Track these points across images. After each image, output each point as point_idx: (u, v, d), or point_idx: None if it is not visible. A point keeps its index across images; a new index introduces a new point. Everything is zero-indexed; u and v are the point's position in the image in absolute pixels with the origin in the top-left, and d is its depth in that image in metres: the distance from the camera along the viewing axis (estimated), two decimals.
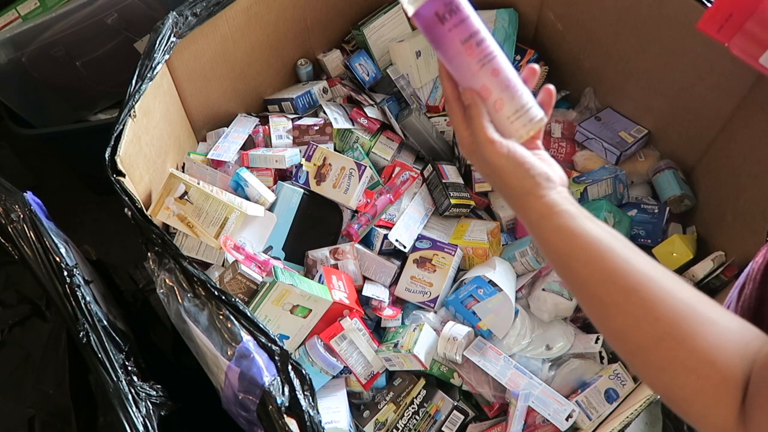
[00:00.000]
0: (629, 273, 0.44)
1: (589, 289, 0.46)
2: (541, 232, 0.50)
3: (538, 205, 0.50)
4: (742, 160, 1.00)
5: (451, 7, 0.53)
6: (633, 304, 0.44)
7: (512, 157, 0.52)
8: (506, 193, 0.53)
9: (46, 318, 0.80)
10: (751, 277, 0.58)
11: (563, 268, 0.49)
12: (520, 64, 1.24)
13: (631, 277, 0.44)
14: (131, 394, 0.69)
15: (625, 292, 0.44)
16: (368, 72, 1.21)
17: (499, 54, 0.54)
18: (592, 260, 0.46)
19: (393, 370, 0.97)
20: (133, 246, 0.85)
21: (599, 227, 0.48)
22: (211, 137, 1.16)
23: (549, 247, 0.49)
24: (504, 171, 0.52)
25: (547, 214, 0.49)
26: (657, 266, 0.45)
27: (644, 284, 0.44)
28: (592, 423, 0.90)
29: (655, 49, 1.07)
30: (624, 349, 0.45)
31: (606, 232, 0.47)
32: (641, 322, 0.43)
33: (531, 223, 0.51)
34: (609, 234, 0.47)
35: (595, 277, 0.46)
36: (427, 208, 1.13)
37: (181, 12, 0.94)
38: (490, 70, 0.54)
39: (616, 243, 0.47)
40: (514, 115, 0.54)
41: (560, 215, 0.49)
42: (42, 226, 0.74)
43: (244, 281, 0.87)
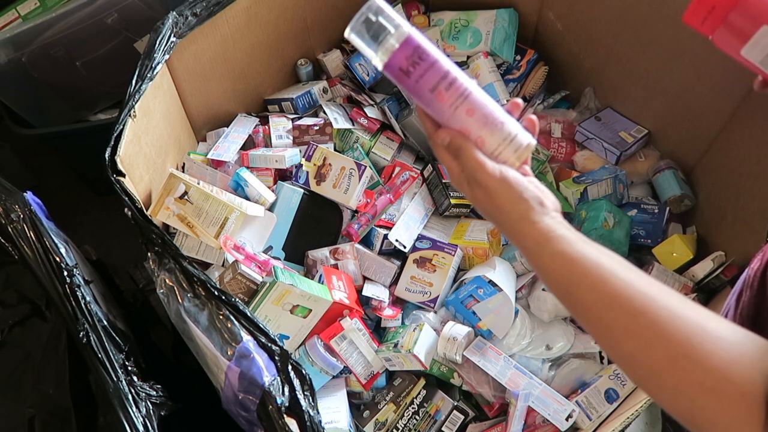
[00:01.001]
0: (634, 295, 0.44)
1: (594, 314, 0.46)
2: (539, 259, 0.49)
3: (533, 231, 0.49)
4: (742, 160, 1.00)
5: (414, 59, 0.53)
6: (641, 326, 0.43)
7: (505, 179, 0.51)
8: (500, 219, 0.52)
9: (46, 318, 0.80)
10: (747, 284, 0.58)
11: (565, 294, 0.48)
12: (520, 63, 1.24)
13: (636, 300, 0.43)
14: (131, 394, 0.69)
15: (632, 315, 0.43)
16: (368, 72, 1.21)
17: (474, 90, 0.54)
18: (594, 285, 0.45)
19: (393, 370, 0.97)
20: (133, 246, 0.84)
21: (598, 250, 0.47)
22: (211, 137, 1.16)
23: (548, 274, 0.49)
24: (497, 194, 0.51)
25: (543, 240, 0.49)
26: (661, 286, 0.45)
27: (650, 306, 0.43)
28: (592, 423, 0.90)
29: (655, 49, 1.07)
30: (636, 373, 0.44)
31: (605, 255, 0.47)
32: (652, 345, 0.42)
33: (528, 250, 0.50)
34: (608, 257, 0.47)
35: (599, 302, 0.45)
36: (427, 208, 1.13)
37: (181, 12, 0.94)
38: (464, 111, 0.54)
39: (617, 266, 0.46)
40: (499, 148, 0.54)
41: (557, 241, 0.48)
42: (42, 226, 0.74)
43: (244, 281, 0.87)
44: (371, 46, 0.53)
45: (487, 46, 1.21)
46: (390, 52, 0.53)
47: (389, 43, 0.53)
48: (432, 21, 1.26)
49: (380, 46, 0.53)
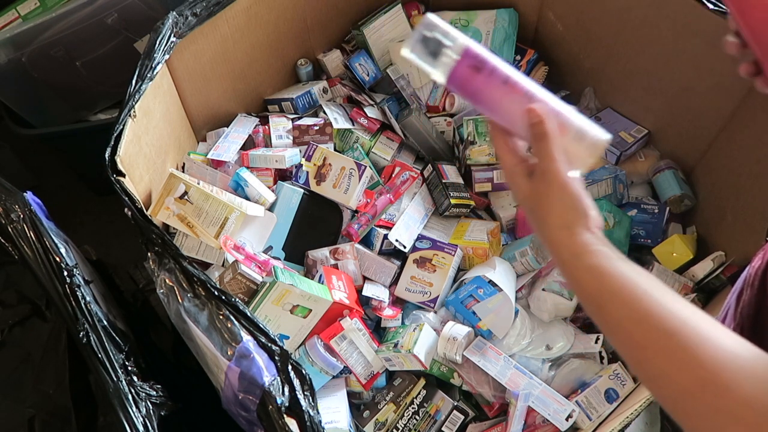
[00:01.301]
0: (667, 315, 0.43)
1: (624, 330, 0.45)
2: (574, 270, 0.48)
3: (572, 242, 0.49)
4: (742, 160, 1.00)
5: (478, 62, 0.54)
6: (673, 347, 0.42)
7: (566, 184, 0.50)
8: (543, 221, 0.51)
9: (46, 318, 0.80)
10: (748, 283, 0.57)
11: (596, 308, 0.47)
12: (520, 64, 1.24)
13: (669, 320, 0.43)
14: (131, 394, 0.69)
15: (664, 334, 0.43)
16: (368, 72, 1.21)
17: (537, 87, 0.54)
18: (627, 301, 0.45)
19: (393, 370, 0.97)
20: (133, 246, 0.84)
21: (633, 269, 0.47)
22: (211, 137, 1.16)
23: (581, 286, 0.48)
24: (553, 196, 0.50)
25: (580, 252, 0.48)
26: (696, 310, 0.44)
27: (684, 327, 0.42)
28: (592, 423, 0.90)
29: (655, 49, 1.07)
30: (663, 394, 0.44)
31: (641, 274, 0.46)
32: (683, 367, 0.41)
33: (563, 260, 0.50)
34: (645, 276, 0.46)
35: (631, 319, 0.44)
36: (427, 208, 1.13)
37: (181, 12, 0.94)
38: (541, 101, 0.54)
39: (652, 285, 0.45)
40: (575, 138, 0.54)
41: (594, 255, 0.48)
42: (42, 226, 0.74)
43: (244, 281, 0.87)
44: (431, 62, 0.54)
45: (487, 46, 1.21)
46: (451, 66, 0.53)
47: (450, 57, 0.53)
48: None
49: (440, 61, 0.54)
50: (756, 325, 0.55)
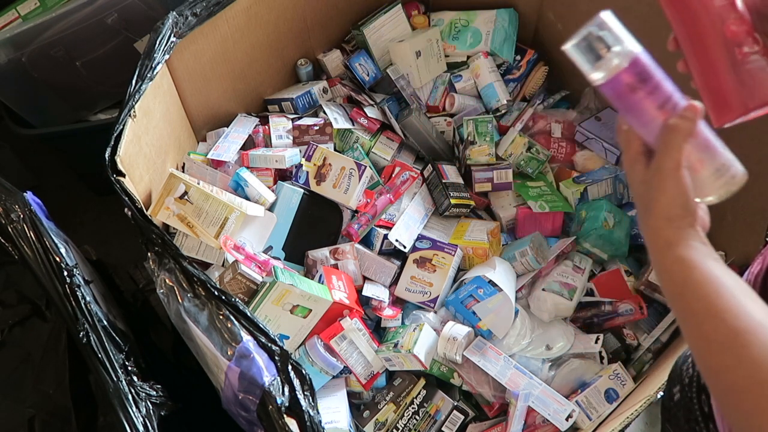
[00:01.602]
0: (740, 315, 0.44)
1: (696, 321, 0.47)
2: (664, 258, 0.50)
3: (670, 233, 0.50)
4: (742, 160, 0.99)
5: (643, 76, 0.54)
6: (737, 345, 0.43)
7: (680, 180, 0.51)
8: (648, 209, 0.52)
9: (46, 318, 0.80)
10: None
11: (676, 296, 0.49)
12: (520, 63, 1.24)
13: (741, 319, 0.44)
14: (131, 394, 0.69)
15: (732, 331, 0.44)
16: (368, 72, 1.21)
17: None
18: (707, 295, 0.46)
19: (393, 370, 0.97)
20: (133, 246, 0.84)
21: (723, 269, 0.48)
22: (211, 137, 1.16)
23: (667, 274, 0.50)
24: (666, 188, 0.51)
25: (675, 242, 0.50)
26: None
27: (753, 329, 0.43)
28: (592, 423, 0.90)
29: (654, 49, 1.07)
30: (718, 386, 0.45)
31: (729, 275, 0.47)
32: (742, 364, 0.43)
33: (656, 247, 0.51)
34: (731, 277, 0.47)
35: (705, 312, 0.46)
36: (427, 208, 1.13)
37: (181, 12, 0.94)
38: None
39: (736, 287, 0.46)
40: (714, 174, 0.56)
41: (688, 247, 0.49)
42: (42, 226, 0.74)
43: (244, 281, 0.87)
44: (592, 62, 0.54)
45: (487, 46, 1.21)
46: (613, 73, 0.53)
47: (614, 63, 0.53)
48: (432, 21, 1.26)
49: (603, 65, 0.53)
50: None
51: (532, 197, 1.11)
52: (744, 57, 0.53)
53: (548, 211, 1.09)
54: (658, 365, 0.94)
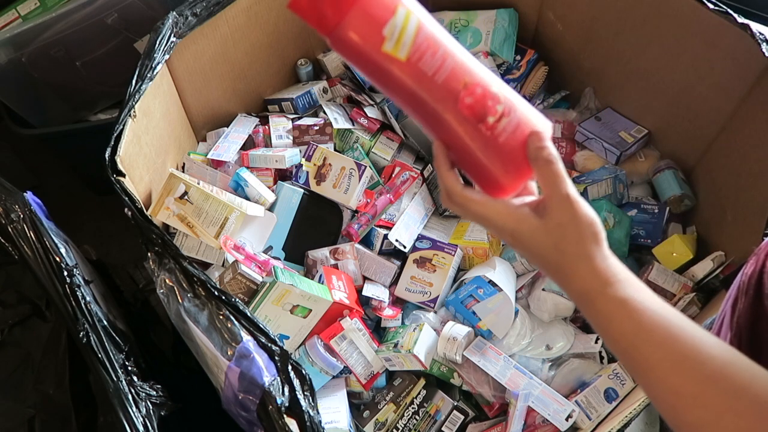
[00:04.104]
0: (705, 359, 0.40)
1: (658, 374, 0.41)
2: (602, 304, 0.43)
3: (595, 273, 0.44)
4: (742, 159, 1.00)
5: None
6: (712, 395, 0.39)
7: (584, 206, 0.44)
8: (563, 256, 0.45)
9: (46, 318, 0.80)
10: (742, 291, 0.55)
11: (626, 347, 0.43)
12: (520, 63, 1.24)
13: (707, 365, 0.40)
14: (131, 394, 0.69)
15: (701, 381, 0.40)
16: None
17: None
18: (662, 342, 0.41)
19: (393, 370, 0.97)
20: (133, 246, 0.85)
21: (660, 301, 0.43)
22: (211, 137, 1.16)
23: (610, 324, 0.43)
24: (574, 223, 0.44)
25: (608, 282, 0.43)
26: (728, 348, 0.42)
27: (722, 372, 0.40)
28: (591, 423, 0.90)
29: (655, 49, 1.07)
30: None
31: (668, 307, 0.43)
32: (722, 418, 0.39)
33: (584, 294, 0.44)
34: (672, 310, 0.43)
35: (666, 362, 0.41)
36: (427, 208, 1.13)
37: (181, 12, 0.94)
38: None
39: (684, 322, 0.42)
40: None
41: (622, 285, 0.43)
42: (42, 226, 0.74)
43: (244, 281, 0.87)
44: None
45: (487, 46, 1.21)
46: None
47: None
48: None
49: None
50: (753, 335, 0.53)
51: None
52: (492, 130, 0.46)
53: None
54: None
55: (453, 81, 0.46)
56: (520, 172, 0.47)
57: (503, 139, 0.46)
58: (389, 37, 0.44)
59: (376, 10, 0.44)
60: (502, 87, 0.47)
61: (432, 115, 0.48)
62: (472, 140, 0.47)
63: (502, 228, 0.47)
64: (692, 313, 0.96)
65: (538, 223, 0.45)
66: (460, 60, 0.46)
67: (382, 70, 0.46)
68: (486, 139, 0.46)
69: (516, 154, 0.47)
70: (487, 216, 0.47)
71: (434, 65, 0.45)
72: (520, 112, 0.47)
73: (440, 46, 0.45)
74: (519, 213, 0.46)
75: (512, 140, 0.47)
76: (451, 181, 0.49)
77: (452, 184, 0.49)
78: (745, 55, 0.92)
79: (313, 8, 0.44)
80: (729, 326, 0.56)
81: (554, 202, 0.45)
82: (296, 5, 0.45)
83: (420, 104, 0.47)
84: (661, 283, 1.00)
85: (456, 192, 0.49)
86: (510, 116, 0.46)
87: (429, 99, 0.47)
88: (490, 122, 0.46)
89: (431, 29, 0.46)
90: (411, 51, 0.45)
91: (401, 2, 0.45)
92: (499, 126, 0.46)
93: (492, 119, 0.46)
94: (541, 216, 0.46)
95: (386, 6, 0.44)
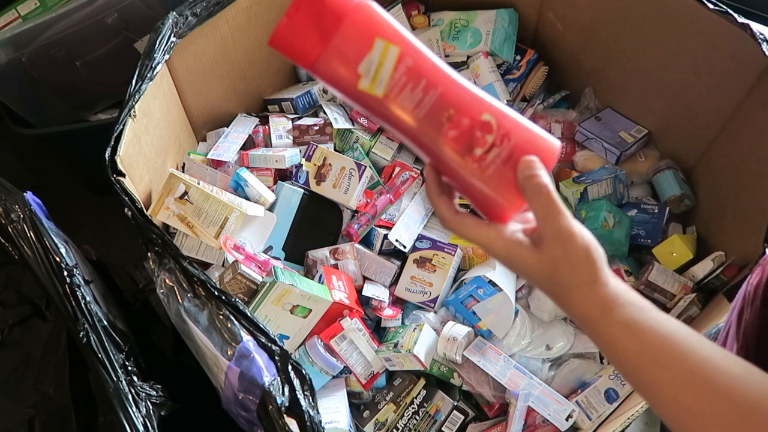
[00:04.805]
0: (716, 376, 0.40)
1: (669, 394, 0.41)
2: (605, 327, 0.43)
3: (599, 298, 0.43)
4: (742, 159, 1.00)
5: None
6: (725, 412, 0.39)
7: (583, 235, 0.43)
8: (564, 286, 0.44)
9: (46, 318, 0.80)
10: (748, 301, 0.54)
11: (633, 369, 0.42)
12: (520, 63, 1.24)
13: (718, 381, 0.39)
14: (131, 394, 0.69)
15: (714, 399, 0.39)
16: None
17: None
18: (670, 361, 0.41)
19: (393, 370, 0.97)
20: (133, 246, 0.84)
21: (666, 318, 0.43)
22: (211, 137, 1.16)
23: (615, 346, 0.43)
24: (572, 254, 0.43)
25: (610, 306, 0.43)
26: (737, 360, 0.41)
27: (734, 388, 0.39)
28: (592, 423, 0.90)
29: (655, 49, 1.07)
30: None
31: (675, 323, 0.42)
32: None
33: (589, 318, 0.43)
34: (680, 326, 0.42)
35: (676, 382, 0.40)
36: (427, 208, 1.13)
37: (181, 12, 0.94)
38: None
39: (692, 338, 0.41)
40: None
41: (627, 307, 0.42)
42: (42, 226, 0.74)
43: (244, 281, 0.87)
44: None
45: (487, 46, 1.21)
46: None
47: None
48: (432, 21, 1.26)
49: None
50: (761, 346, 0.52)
51: None
52: (480, 162, 0.45)
53: None
54: None
55: (437, 113, 0.44)
56: (511, 201, 0.45)
57: (492, 170, 0.45)
58: (365, 75, 0.43)
59: (351, 47, 0.43)
60: (498, 114, 0.45)
61: (418, 145, 0.46)
62: (460, 170, 0.46)
63: (495, 254, 0.46)
64: (693, 313, 0.96)
65: (530, 253, 0.44)
66: (447, 89, 0.44)
67: (362, 104, 0.45)
68: (473, 170, 0.45)
69: (508, 184, 0.45)
70: (480, 242, 0.47)
71: (414, 99, 0.44)
72: (517, 138, 0.45)
73: (423, 77, 0.44)
74: (512, 240, 0.45)
75: (503, 170, 0.45)
76: (441, 208, 0.48)
77: (443, 211, 0.48)
78: (745, 55, 0.92)
79: (291, 45, 0.44)
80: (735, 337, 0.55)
81: (546, 236, 0.44)
82: (276, 42, 0.45)
83: (405, 134, 0.46)
84: (661, 283, 1.00)
85: (447, 218, 0.48)
86: (502, 145, 0.45)
87: (412, 131, 0.45)
88: (478, 154, 0.45)
89: (414, 58, 0.44)
90: (388, 87, 0.44)
91: (380, 34, 0.43)
92: (488, 157, 0.45)
93: (480, 151, 0.45)
94: (535, 245, 0.44)
95: (363, 41, 0.43)
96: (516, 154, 0.45)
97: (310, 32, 0.43)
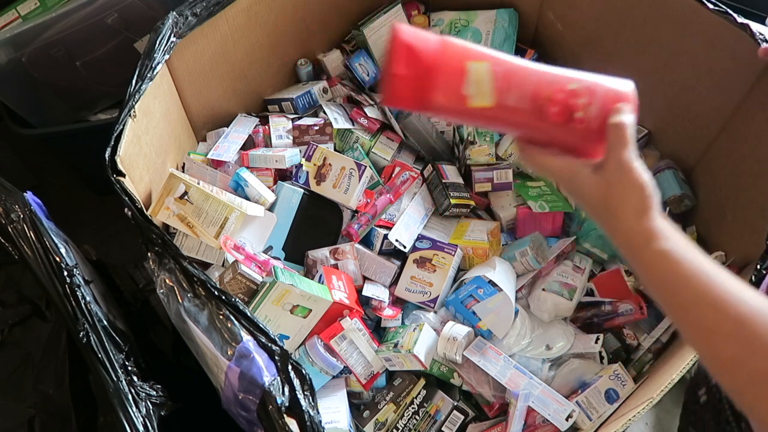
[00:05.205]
0: (740, 301, 0.43)
1: (695, 314, 0.45)
2: (645, 254, 0.48)
3: (645, 228, 0.48)
4: (742, 159, 1.00)
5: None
6: (746, 332, 0.42)
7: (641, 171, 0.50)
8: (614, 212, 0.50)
9: (46, 318, 0.80)
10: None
11: (665, 293, 0.47)
12: None
13: (742, 306, 0.43)
14: (131, 394, 0.69)
15: (737, 319, 0.43)
16: (368, 72, 1.21)
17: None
18: (700, 286, 0.45)
19: (393, 370, 0.97)
20: (133, 246, 0.84)
21: (705, 257, 0.47)
22: (211, 137, 1.16)
23: (651, 272, 0.48)
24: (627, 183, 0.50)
25: (652, 237, 0.48)
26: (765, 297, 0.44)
27: (758, 313, 0.42)
28: (592, 423, 0.90)
29: (655, 49, 1.07)
30: (734, 379, 0.44)
31: (713, 263, 0.46)
32: (756, 352, 0.42)
33: (633, 246, 0.49)
34: (715, 264, 0.46)
35: (703, 303, 0.44)
36: (427, 208, 1.13)
37: (181, 12, 0.94)
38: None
39: (724, 273, 0.45)
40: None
41: (667, 239, 0.47)
42: (42, 226, 0.74)
43: (244, 281, 0.87)
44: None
45: (488, 46, 1.21)
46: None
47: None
48: (432, 21, 1.26)
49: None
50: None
51: (532, 197, 1.11)
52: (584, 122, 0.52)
53: (548, 211, 1.09)
54: (659, 366, 0.94)
55: (537, 100, 0.51)
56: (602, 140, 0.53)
57: (596, 124, 0.52)
58: (473, 94, 0.51)
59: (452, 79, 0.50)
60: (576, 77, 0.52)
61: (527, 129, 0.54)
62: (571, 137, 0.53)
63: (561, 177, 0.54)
64: None
65: (591, 175, 0.51)
66: (534, 76, 0.52)
67: (478, 118, 0.53)
68: (581, 132, 0.52)
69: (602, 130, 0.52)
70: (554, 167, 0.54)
71: (516, 96, 0.51)
72: (600, 90, 0.52)
73: (514, 75, 0.51)
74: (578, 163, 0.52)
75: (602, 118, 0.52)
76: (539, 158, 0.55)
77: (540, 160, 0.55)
78: (745, 55, 0.92)
79: (405, 99, 0.52)
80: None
81: (609, 163, 0.50)
82: (390, 101, 0.53)
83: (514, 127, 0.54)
84: None
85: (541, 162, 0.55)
86: (594, 99, 0.52)
87: (522, 122, 0.52)
88: (580, 116, 0.52)
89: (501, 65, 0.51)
90: (495, 95, 0.51)
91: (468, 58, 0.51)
92: (589, 114, 0.52)
93: (580, 114, 0.52)
94: (597, 170, 0.51)
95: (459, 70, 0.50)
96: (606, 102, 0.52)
97: (416, 83, 0.50)
